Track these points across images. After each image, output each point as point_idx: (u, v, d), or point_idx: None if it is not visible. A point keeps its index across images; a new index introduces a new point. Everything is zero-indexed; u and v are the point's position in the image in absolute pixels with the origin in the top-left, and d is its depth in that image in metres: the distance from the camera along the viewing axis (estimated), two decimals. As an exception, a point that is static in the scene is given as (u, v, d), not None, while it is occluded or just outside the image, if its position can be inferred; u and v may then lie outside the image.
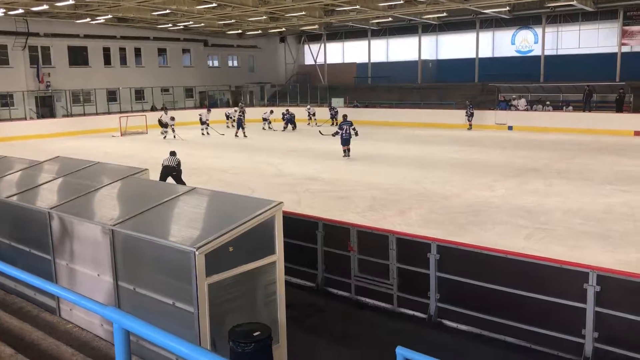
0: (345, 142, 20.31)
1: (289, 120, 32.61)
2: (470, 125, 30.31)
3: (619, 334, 6.15)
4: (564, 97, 32.15)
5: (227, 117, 34.27)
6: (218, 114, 35.02)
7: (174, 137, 28.04)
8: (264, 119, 33.38)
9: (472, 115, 30.32)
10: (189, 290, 4.77)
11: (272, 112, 33.94)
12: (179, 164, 14.53)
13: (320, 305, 8.13)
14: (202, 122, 30.23)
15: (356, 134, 20.43)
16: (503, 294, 6.81)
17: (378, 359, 5.93)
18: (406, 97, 38.45)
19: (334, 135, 21.37)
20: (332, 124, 33.07)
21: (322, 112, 35.10)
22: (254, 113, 35.96)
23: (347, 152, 20.38)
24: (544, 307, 6.57)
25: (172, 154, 14.76)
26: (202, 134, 30.05)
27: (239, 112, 30.68)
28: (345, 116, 21.43)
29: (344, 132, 20.29)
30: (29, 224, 6.62)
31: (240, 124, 28.94)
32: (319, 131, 22.97)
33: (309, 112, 35.04)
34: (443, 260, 7.29)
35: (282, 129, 32.01)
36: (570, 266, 6.48)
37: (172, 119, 28.88)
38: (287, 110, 33.78)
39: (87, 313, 5.52)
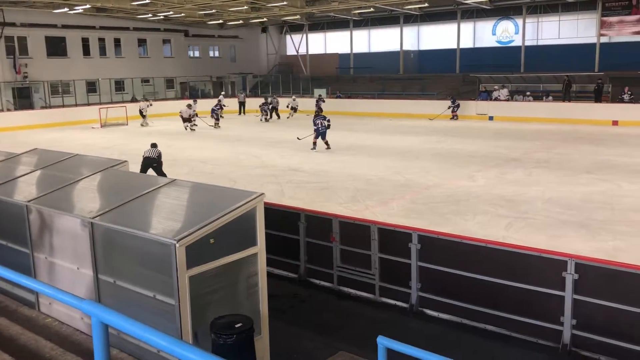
0: (321, 135, 20.17)
1: (274, 108, 32.70)
2: (455, 115, 30.18)
3: (596, 321, 6.26)
4: (544, 87, 32.45)
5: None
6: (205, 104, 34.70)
7: (145, 124, 28.51)
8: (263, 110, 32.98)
9: (457, 106, 30.26)
10: (169, 283, 4.74)
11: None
12: (159, 155, 14.43)
13: (303, 296, 8.16)
14: (185, 120, 27.73)
15: (328, 126, 20.19)
16: (484, 282, 6.89)
17: (360, 348, 5.96)
18: (388, 88, 38.52)
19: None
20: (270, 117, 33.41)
21: (306, 104, 35.04)
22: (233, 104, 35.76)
23: (325, 145, 20.14)
24: (523, 296, 6.65)
25: (153, 145, 14.64)
26: (191, 129, 27.76)
27: (273, 101, 32.59)
28: (318, 110, 21.64)
29: (319, 125, 20.14)
30: (6, 217, 6.51)
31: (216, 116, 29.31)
32: (297, 137, 22.13)
33: (291, 107, 34.12)
34: (424, 250, 7.34)
35: (264, 119, 31.89)
36: (550, 255, 6.57)
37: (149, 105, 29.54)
38: (273, 97, 33.97)
39: (67, 307, 5.46)
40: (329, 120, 20.26)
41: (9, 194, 6.62)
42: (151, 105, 30.60)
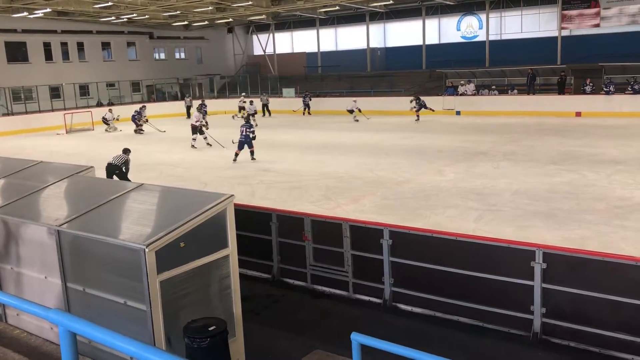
0: (241, 145, 17.87)
1: (265, 106, 33.29)
2: (418, 116, 28.18)
3: (565, 308, 6.40)
4: (508, 81, 33.00)
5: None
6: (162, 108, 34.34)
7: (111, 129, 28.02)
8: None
9: (421, 107, 28.23)
10: (140, 289, 4.69)
11: (250, 102, 33.43)
12: (125, 162, 13.90)
13: (277, 296, 8.14)
14: (136, 122, 27.95)
15: (254, 137, 17.98)
16: (455, 275, 6.98)
17: (335, 346, 5.98)
18: (356, 86, 38.65)
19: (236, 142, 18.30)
20: (304, 113, 33.79)
21: (277, 103, 34.99)
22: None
23: (250, 155, 18.05)
24: (494, 287, 6.76)
25: (124, 151, 14.18)
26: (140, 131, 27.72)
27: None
28: (247, 118, 19.48)
29: (241, 134, 17.89)
30: (-31, 228, 6.35)
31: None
32: (232, 141, 19.78)
33: (263, 106, 34.01)
34: (396, 246, 7.40)
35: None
36: (518, 245, 6.69)
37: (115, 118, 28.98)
38: (263, 95, 34.26)
39: (35, 318, 5.33)
40: (253, 132, 18.00)
41: (-29, 204, 6.45)
42: (117, 118, 29.91)
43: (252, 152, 18.06)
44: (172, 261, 4.85)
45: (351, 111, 29.73)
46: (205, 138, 21.76)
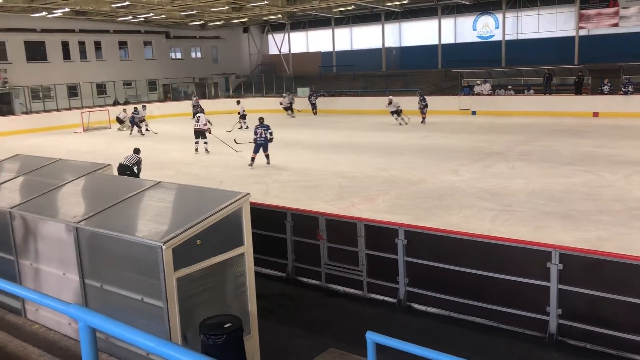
0: (258, 147, 17.27)
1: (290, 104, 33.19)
2: (424, 118, 27.18)
3: (581, 310, 6.35)
4: (525, 81, 32.74)
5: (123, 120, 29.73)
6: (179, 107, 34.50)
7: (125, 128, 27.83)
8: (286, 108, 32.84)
9: (425, 106, 27.28)
10: (157, 285, 4.73)
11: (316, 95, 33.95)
12: (137, 162, 13.87)
13: (291, 295, 8.17)
14: (132, 122, 27.90)
15: (271, 139, 17.33)
16: (470, 275, 6.96)
17: (350, 344, 5.99)
18: (371, 85, 38.61)
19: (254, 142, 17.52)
20: (315, 113, 33.62)
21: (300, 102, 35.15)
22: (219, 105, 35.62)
23: (266, 159, 17.39)
24: (509, 287, 6.73)
25: (135, 151, 14.22)
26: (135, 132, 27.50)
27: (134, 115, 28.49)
28: (261, 119, 17.96)
29: (258, 136, 17.24)
30: (-11, 224, 6.45)
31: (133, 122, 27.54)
32: (234, 140, 19.63)
33: (289, 103, 33.79)
34: (411, 245, 7.39)
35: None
36: (534, 246, 6.65)
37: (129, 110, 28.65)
38: (288, 94, 34.19)
39: (54, 313, 5.42)
40: (271, 133, 17.30)
41: (-9, 201, 6.56)
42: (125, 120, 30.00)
43: (267, 157, 17.37)
44: (189, 258, 4.88)
45: (397, 113, 26.94)
46: (205, 143, 20.50)
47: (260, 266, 8.15)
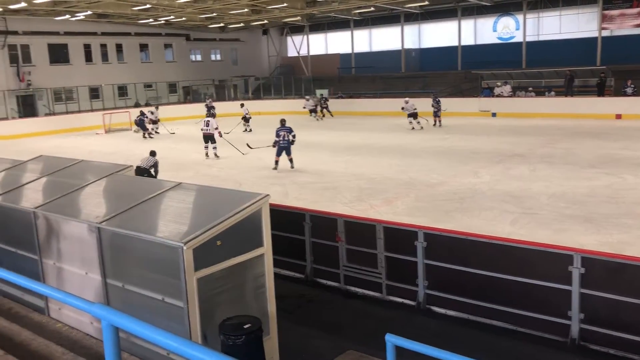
0: (281, 150, 16.85)
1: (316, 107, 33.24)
2: (435, 121, 26.24)
3: (603, 314, 6.26)
4: (546, 82, 32.38)
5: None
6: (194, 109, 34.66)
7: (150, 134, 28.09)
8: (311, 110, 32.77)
9: (439, 109, 26.31)
10: (178, 285, 4.78)
11: (325, 99, 33.91)
12: (154, 165, 13.95)
13: (310, 296, 8.18)
14: (153, 122, 28.37)
15: (293, 142, 16.92)
16: (490, 278, 6.90)
17: (368, 346, 5.98)
18: (390, 87, 38.51)
19: (274, 145, 17.09)
20: (323, 115, 33.44)
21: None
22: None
23: (290, 163, 16.93)
24: (530, 291, 6.67)
25: (151, 154, 14.30)
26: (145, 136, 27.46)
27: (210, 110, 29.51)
28: (283, 121, 17.38)
29: (281, 139, 16.80)
30: (14, 224, 6.57)
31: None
32: (247, 144, 19.33)
33: (320, 104, 33.71)
34: (430, 248, 7.36)
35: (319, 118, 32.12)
36: (555, 249, 6.58)
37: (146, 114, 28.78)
38: (320, 96, 34.20)
39: (76, 312, 5.50)
40: (294, 135, 16.92)
41: (16, 201, 6.68)
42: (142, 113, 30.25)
43: (291, 161, 16.88)
44: (209, 259, 4.92)
45: (413, 116, 25.51)
46: (214, 148, 20.05)
47: (278, 267, 8.17)
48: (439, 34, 41.43)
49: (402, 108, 26.13)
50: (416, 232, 7.47)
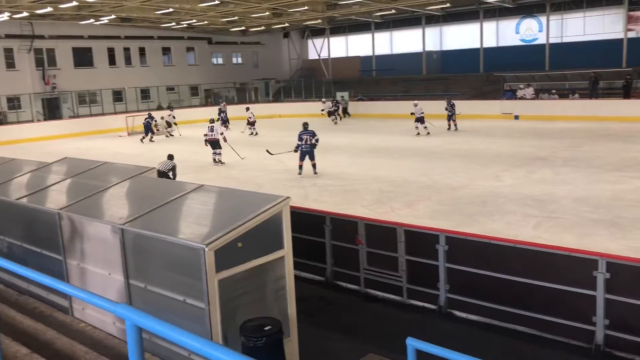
0: (304, 155, 16.35)
1: (344, 109, 33.58)
2: (450, 124, 25.85)
3: (629, 320, 6.14)
4: (569, 85, 31.95)
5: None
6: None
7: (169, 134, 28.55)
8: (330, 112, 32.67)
9: (454, 112, 25.73)
10: (199, 287, 4.81)
11: (337, 101, 34.04)
12: (172, 168, 13.90)
13: (330, 299, 8.17)
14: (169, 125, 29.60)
15: (315, 145, 16.37)
16: (512, 283, 6.82)
17: (389, 350, 5.95)
18: (411, 89, 38.31)
19: (295, 150, 16.67)
20: (340, 117, 33.38)
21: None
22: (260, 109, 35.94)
23: (312, 168, 16.45)
24: (553, 296, 6.57)
25: (169, 157, 14.27)
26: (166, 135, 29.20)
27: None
28: (305, 124, 16.89)
29: (303, 143, 16.28)
30: (39, 225, 6.67)
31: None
32: (267, 150, 18.90)
33: (337, 105, 33.84)
34: (452, 251, 7.30)
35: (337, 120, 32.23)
36: (580, 254, 6.48)
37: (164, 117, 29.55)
38: (342, 98, 34.31)
39: (99, 312, 5.57)
40: (317, 139, 16.34)
41: (41, 202, 6.79)
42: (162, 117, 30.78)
43: (314, 166, 16.37)
44: (230, 261, 4.95)
45: (420, 120, 24.73)
46: (219, 154, 19.66)
47: (298, 270, 8.18)
48: (461, 36, 41.14)
49: (412, 113, 25.37)
50: (437, 236, 7.42)
